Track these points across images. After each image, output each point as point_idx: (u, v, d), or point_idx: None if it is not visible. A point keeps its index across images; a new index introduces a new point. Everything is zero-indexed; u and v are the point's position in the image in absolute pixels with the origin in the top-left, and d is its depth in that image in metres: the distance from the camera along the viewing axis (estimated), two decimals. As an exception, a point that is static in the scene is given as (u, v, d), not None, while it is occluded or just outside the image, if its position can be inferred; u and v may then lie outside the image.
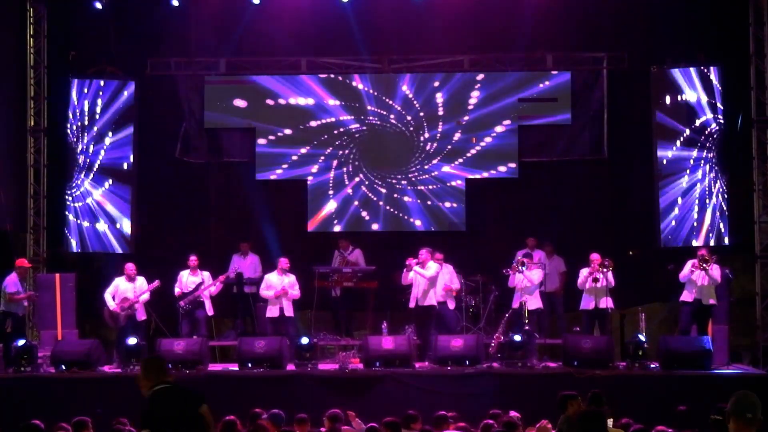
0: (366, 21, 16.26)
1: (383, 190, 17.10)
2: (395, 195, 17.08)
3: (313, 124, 17.13)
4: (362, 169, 17.14)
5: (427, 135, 17.03)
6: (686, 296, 13.59)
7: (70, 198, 16.09)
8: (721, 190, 15.16)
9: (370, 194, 17.12)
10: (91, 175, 16.19)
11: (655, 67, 15.71)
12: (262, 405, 9.99)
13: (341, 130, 17.13)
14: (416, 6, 16.05)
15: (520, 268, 14.18)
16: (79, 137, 16.12)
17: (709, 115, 15.28)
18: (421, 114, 17.02)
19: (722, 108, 15.17)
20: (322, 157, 17.13)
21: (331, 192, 17.16)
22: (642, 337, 13.24)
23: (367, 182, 17.12)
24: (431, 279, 14.11)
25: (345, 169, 17.13)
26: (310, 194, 17.15)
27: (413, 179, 17.07)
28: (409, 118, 17.04)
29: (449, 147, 17.00)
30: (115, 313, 14.29)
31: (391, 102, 17.08)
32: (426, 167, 17.03)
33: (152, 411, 6.48)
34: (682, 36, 15.59)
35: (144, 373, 6.68)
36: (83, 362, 13.20)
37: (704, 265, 13.27)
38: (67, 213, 16.06)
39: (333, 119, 17.13)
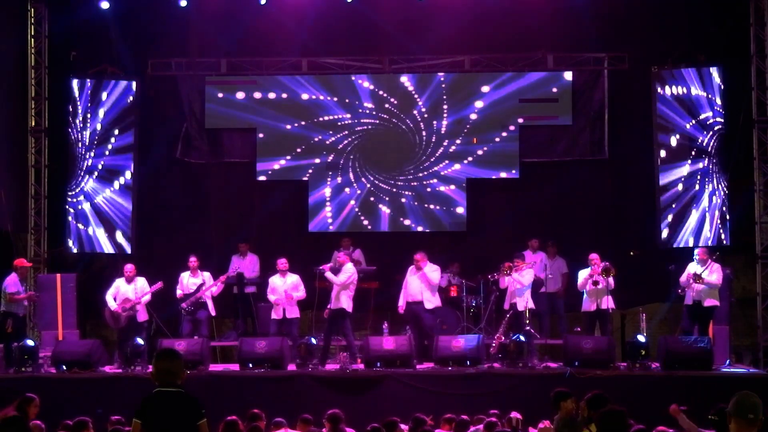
0: (367, 21, 16.28)
1: (384, 190, 17.10)
2: (396, 195, 17.08)
3: (314, 124, 17.13)
4: (363, 169, 17.14)
5: (427, 135, 17.04)
6: (686, 299, 13.61)
7: (71, 198, 16.10)
8: (721, 190, 15.16)
9: (371, 194, 17.12)
10: (92, 175, 16.19)
11: (655, 68, 15.71)
12: (263, 405, 9.98)
13: (342, 130, 17.13)
14: (417, 6, 16.07)
15: (507, 272, 14.10)
16: (79, 137, 16.13)
17: (710, 116, 15.28)
18: (422, 114, 17.02)
19: (723, 108, 15.17)
20: (323, 158, 17.14)
21: (331, 192, 17.17)
22: (641, 338, 13.21)
23: (368, 182, 17.12)
24: (342, 284, 14.03)
25: (346, 170, 17.13)
26: (310, 194, 17.15)
27: (414, 179, 17.07)
28: (409, 118, 17.05)
29: (450, 147, 17.00)
30: (116, 314, 14.29)
31: (391, 102, 17.07)
32: (427, 167, 17.03)
33: (148, 410, 6.45)
34: (683, 36, 15.61)
35: (155, 368, 6.56)
36: (84, 362, 13.20)
37: (699, 281, 13.24)
38: (67, 213, 16.07)
39: (334, 120, 17.13)
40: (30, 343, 13.53)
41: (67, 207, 16.08)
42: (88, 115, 16.16)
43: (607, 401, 8.53)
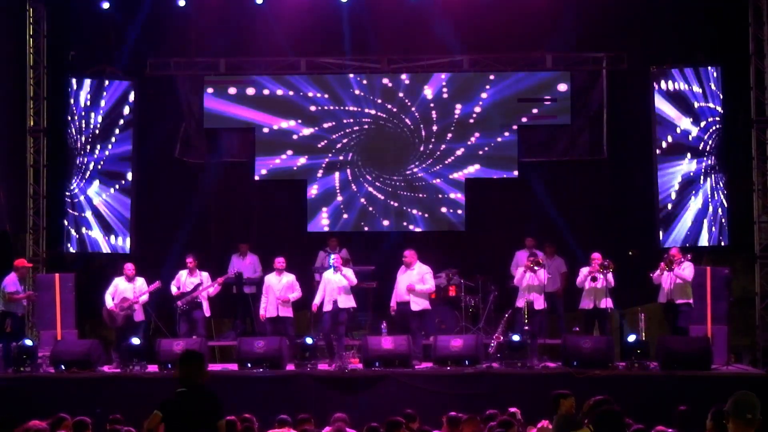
0: (365, 21, 16.26)
1: (383, 190, 17.10)
2: (395, 195, 17.07)
3: (313, 124, 17.12)
4: (362, 169, 17.14)
5: (426, 135, 17.03)
6: (660, 297, 13.85)
7: (70, 198, 16.09)
8: (720, 190, 15.16)
9: (370, 194, 17.11)
10: (91, 175, 16.18)
11: (654, 67, 15.71)
12: (262, 405, 9.97)
13: (341, 130, 17.12)
14: (416, 6, 16.04)
15: (535, 267, 14.06)
16: (78, 137, 16.12)
17: (709, 115, 15.29)
18: (420, 114, 17.02)
19: (721, 108, 15.18)
20: (322, 158, 17.13)
21: (330, 191, 17.16)
22: (630, 338, 13.21)
23: (366, 183, 17.12)
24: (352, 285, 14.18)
25: (345, 170, 17.13)
26: (309, 194, 17.15)
27: (413, 179, 17.06)
28: (408, 118, 17.04)
29: (448, 147, 16.99)
30: (113, 313, 14.28)
31: (390, 102, 17.07)
32: (426, 167, 17.02)
33: (170, 409, 6.60)
34: (682, 36, 15.60)
35: (179, 368, 6.80)
36: (83, 362, 13.19)
37: (668, 266, 13.38)
38: (66, 213, 16.05)
39: (332, 119, 17.12)
40: (28, 342, 13.51)
41: (65, 207, 16.06)
42: (87, 115, 16.15)
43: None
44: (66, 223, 16.07)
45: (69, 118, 16.05)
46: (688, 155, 15.46)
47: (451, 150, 16.99)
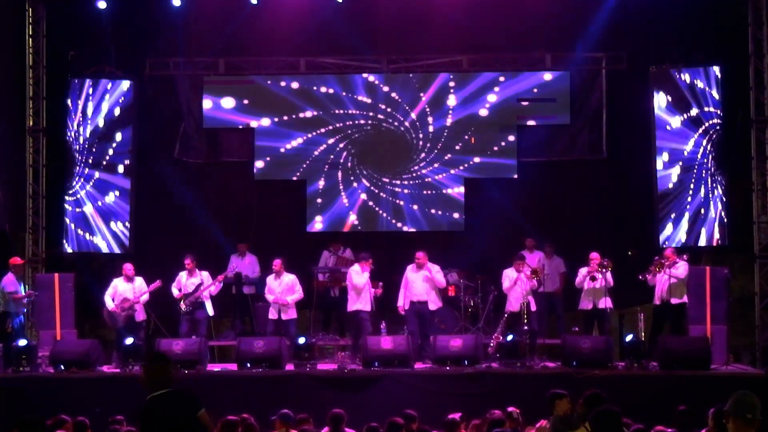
0: (365, 21, 16.28)
1: (383, 190, 17.10)
2: (394, 195, 17.08)
3: (312, 124, 17.12)
4: (361, 169, 17.14)
5: (425, 135, 17.03)
6: (654, 299, 13.87)
7: (69, 198, 16.08)
8: (719, 189, 15.16)
9: (369, 194, 17.11)
10: (90, 175, 16.17)
11: (653, 67, 15.71)
12: (261, 405, 9.95)
13: (340, 130, 17.11)
14: (415, 5, 16.05)
15: (535, 279, 14.04)
16: (77, 137, 16.11)
17: (708, 115, 15.28)
18: (420, 114, 17.02)
19: (721, 108, 15.17)
20: (321, 157, 17.13)
21: (329, 192, 17.16)
22: (627, 338, 13.22)
23: (366, 183, 17.12)
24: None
25: (344, 170, 17.13)
26: (309, 194, 17.14)
27: (412, 179, 17.06)
28: (407, 118, 17.04)
29: (447, 147, 16.99)
30: (114, 313, 14.28)
31: (389, 102, 17.06)
32: (424, 167, 17.02)
33: (149, 418, 6.51)
34: (681, 36, 15.60)
35: (145, 376, 6.64)
36: (82, 362, 13.19)
37: (658, 269, 13.41)
38: (65, 213, 16.05)
39: (332, 120, 17.12)
40: (21, 343, 13.43)
41: (65, 207, 16.06)
42: (86, 115, 16.14)
43: (603, 401, 8.55)
44: (65, 223, 16.06)
45: (68, 118, 16.04)
46: (688, 155, 15.43)
47: (450, 150, 16.98)
